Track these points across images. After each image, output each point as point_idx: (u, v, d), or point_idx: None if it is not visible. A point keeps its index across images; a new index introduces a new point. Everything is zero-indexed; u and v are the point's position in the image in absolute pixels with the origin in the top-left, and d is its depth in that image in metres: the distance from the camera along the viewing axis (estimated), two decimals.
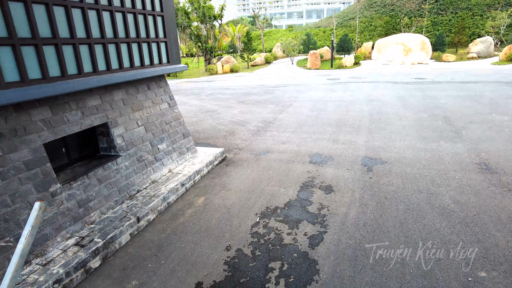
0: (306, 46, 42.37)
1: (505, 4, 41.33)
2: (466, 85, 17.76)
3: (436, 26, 43.81)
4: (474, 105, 12.89)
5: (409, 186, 6.27)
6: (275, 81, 24.45)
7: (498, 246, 4.46)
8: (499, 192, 5.91)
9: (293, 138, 9.67)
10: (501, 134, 9.08)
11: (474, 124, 10.15)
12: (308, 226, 5.14)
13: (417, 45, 33.77)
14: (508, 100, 13.49)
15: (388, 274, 4.03)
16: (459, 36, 38.22)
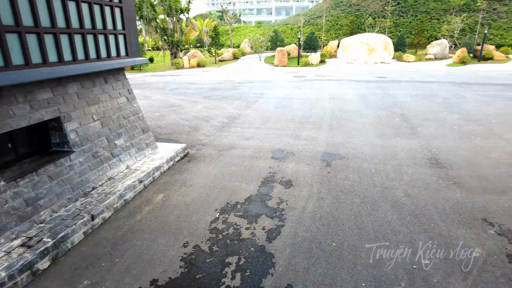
0: (274, 43, 42.64)
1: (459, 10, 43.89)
2: (423, 85, 18.70)
3: (398, 27, 45.69)
4: (429, 104, 13.61)
5: (365, 180, 6.53)
6: (242, 77, 24.42)
7: (442, 235, 4.77)
8: (446, 185, 6.31)
9: (257, 134, 9.73)
10: (451, 131, 9.67)
11: (428, 122, 10.73)
12: (266, 220, 5.22)
13: (380, 45, 35.04)
14: (459, 100, 14.37)
15: (340, 266, 4.19)
16: (419, 38, 40.11)
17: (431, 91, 16.53)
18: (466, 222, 5.09)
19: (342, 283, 3.91)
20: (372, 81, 20.31)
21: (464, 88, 17.61)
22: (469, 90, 16.91)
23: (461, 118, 11.17)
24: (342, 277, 3.99)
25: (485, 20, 42.29)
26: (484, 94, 15.59)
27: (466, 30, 41.54)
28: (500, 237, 4.72)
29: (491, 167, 7.11)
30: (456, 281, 3.90)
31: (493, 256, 4.32)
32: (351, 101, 14.34)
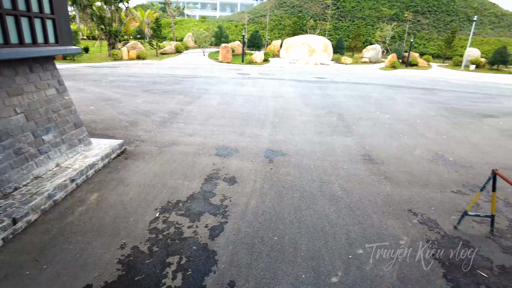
0: (218, 39, 42.31)
1: (390, 19, 47.71)
2: (358, 86, 20.00)
3: (337, 30, 48.23)
4: (363, 104, 14.60)
5: (304, 176, 6.79)
6: (185, 71, 23.85)
7: (374, 226, 5.15)
8: (377, 180, 6.82)
9: (201, 130, 9.57)
10: (382, 130, 10.49)
11: (362, 121, 11.51)
12: (209, 218, 5.16)
13: (320, 46, 36.67)
14: (390, 101, 15.63)
15: (282, 259, 4.30)
16: (355, 41, 42.78)
17: (366, 92, 17.74)
18: (394, 213, 5.55)
19: (283, 276, 4.02)
20: (312, 81, 21.18)
21: (394, 90, 19.20)
22: (398, 92, 18.49)
23: (391, 118, 12.16)
24: (283, 270, 4.10)
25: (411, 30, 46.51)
26: (410, 97, 17.16)
27: (396, 37, 45.26)
28: (422, 226, 5.24)
29: (415, 163, 7.86)
30: (385, 267, 4.23)
31: (416, 243, 4.78)
32: (293, 100, 14.80)
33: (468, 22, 48.42)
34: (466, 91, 20.83)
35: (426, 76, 28.89)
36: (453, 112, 14.01)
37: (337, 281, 3.97)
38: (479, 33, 47.40)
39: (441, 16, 49.45)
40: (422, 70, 33.83)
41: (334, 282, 3.95)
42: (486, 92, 20.79)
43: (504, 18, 51.07)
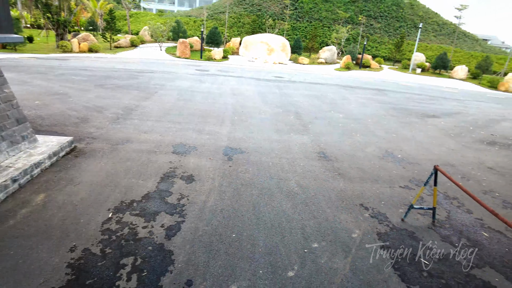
0: (176, 34, 41.31)
1: (345, 21, 49.67)
2: (315, 86, 20.60)
3: (295, 31, 49.23)
4: (319, 103, 15.07)
5: (263, 173, 6.87)
6: (141, 66, 23.01)
7: (328, 220, 5.35)
8: (332, 176, 7.09)
9: (157, 127, 9.31)
10: (337, 129, 10.91)
11: (318, 120, 11.88)
12: (166, 217, 5.04)
13: (279, 46, 37.21)
14: (344, 101, 16.29)
15: (240, 256, 4.33)
16: (312, 42, 43.95)
17: (321, 92, 18.33)
18: (347, 208, 5.82)
19: (241, 272, 4.04)
20: (270, 80, 21.45)
21: (348, 91, 20.03)
22: (352, 93, 19.32)
23: (345, 117, 12.69)
24: (241, 267, 4.13)
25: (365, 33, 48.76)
26: (363, 97, 18.02)
27: (350, 39, 47.19)
28: (373, 219, 5.54)
29: (367, 160, 8.27)
30: (339, 259, 4.42)
31: (367, 235, 5.05)
32: (252, 97, 14.89)
33: (415, 28, 51.84)
34: (413, 92, 22.30)
35: (378, 78, 30.50)
36: (401, 112, 14.95)
37: (293, 275, 4.08)
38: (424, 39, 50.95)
39: (391, 22, 52.42)
40: (374, 72, 35.65)
41: (291, 276, 4.06)
42: (430, 94, 22.43)
43: (445, 27, 55.39)
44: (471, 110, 17.92)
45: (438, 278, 4.30)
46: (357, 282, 4.06)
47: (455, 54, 47.46)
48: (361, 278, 4.13)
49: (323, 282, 3.99)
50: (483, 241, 5.33)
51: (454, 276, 4.37)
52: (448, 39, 52.67)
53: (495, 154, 10.24)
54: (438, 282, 4.22)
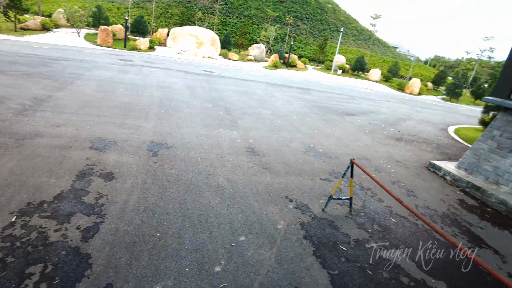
0: (97, 20, 38.05)
1: (273, 20, 51.13)
2: (244, 82, 20.83)
3: (225, 26, 49.08)
4: (248, 99, 15.29)
5: (191, 169, 6.73)
6: (55, 52, 20.69)
7: (255, 213, 5.46)
8: (259, 170, 7.25)
9: (73, 121, 8.47)
10: (264, 124, 11.19)
11: (247, 116, 12.04)
12: (82, 218, 4.62)
13: (208, 40, 36.74)
14: (272, 98, 16.78)
15: (165, 255, 4.17)
16: (242, 39, 44.34)
17: (250, 89, 18.62)
18: (273, 200, 6.01)
19: (166, 271, 3.90)
20: (200, 74, 21.09)
21: (275, 88, 20.68)
22: (279, 91, 20.00)
23: (272, 114, 13.08)
24: (166, 266, 3.99)
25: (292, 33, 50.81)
26: (289, 95, 18.78)
27: (278, 39, 48.73)
28: (296, 210, 5.82)
29: (291, 154, 8.65)
30: (265, 251, 4.54)
31: (291, 226, 5.28)
32: (179, 91, 14.46)
33: (337, 32, 55.69)
34: (334, 92, 23.97)
35: (303, 77, 32.07)
36: (323, 110, 15.95)
37: (220, 269, 4.07)
38: (344, 43, 55.05)
39: (316, 24, 55.50)
40: (300, 72, 37.42)
41: (218, 271, 4.05)
42: (349, 94, 24.35)
43: (362, 32, 60.59)
44: (383, 110, 19.93)
45: (354, 262, 4.70)
46: (282, 271, 4.22)
47: (371, 58, 52.27)
48: (286, 268, 4.30)
49: (249, 274, 4.07)
50: (391, 226, 5.97)
51: (367, 259, 4.82)
52: (365, 44, 57.72)
53: (401, 148, 11.55)
54: (354, 266, 4.61)
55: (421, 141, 13.26)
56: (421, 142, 13.06)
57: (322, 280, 4.21)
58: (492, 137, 9.24)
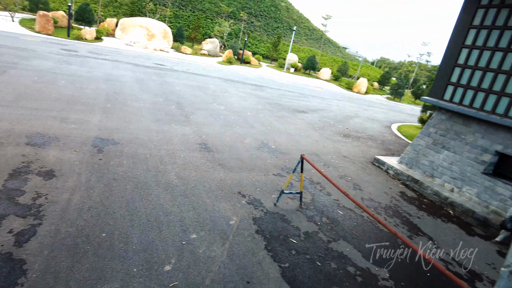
0: (35, 4, 34.89)
1: (228, 16, 50.77)
2: (197, 77, 20.45)
3: (178, 19, 47.71)
4: (202, 94, 15.05)
5: (139, 166, 6.46)
6: None
7: (207, 210, 5.40)
8: (212, 166, 7.18)
9: (5, 114, 7.70)
10: (218, 120, 11.10)
11: (200, 111, 11.85)
12: (16, 221, 4.23)
13: (160, 32, 35.47)
14: (225, 94, 16.68)
15: (111, 256, 3.97)
16: (195, 32, 43.43)
17: (204, 84, 18.34)
18: (226, 196, 5.98)
19: (112, 273, 3.72)
20: (151, 67, 20.32)
21: (229, 84, 20.59)
22: (233, 86, 19.94)
23: (226, 110, 13.01)
24: (112, 267, 3.80)
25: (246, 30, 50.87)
26: (243, 91, 18.80)
27: (232, 34, 48.52)
28: (249, 205, 5.85)
29: (245, 150, 8.68)
30: (217, 247, 4.51)
31: (243, 221, 5.30)
32: (128, 84, 13.81)
33: (290, 30, 56.79)
34: (287, 90, 24.45)
35: (256, 74, 32.29)
36: (276, 107, 16.21)
37: (170, 268, 3.97)
38: (297, 42, 56.34)
39: (270, 21, 56.09)
40: (254, 68, 37.63)
41: (167, 270, 3.94)
42: (301, 92, 25.00)
43: (314, 32, 62.47)
44: (332, 108, 20.75)
45: (304, 254, 4.84)
46: (234, 267, 4.22)
47: (322, 58, 54.09)
48: (238, 263, 4.31)
49: (201, 272, 4.01)
50: (338, 218, 6.25)
51: (317, 251, 5.00)
52: (316, 44, 59.58)
53: (349, 144, 12.12)
54: (304, 258, 4.75)
55: (367, 138, 14.03)
56: (366, 139, 13.82)
57: (273, 273, 4.28)
58: (429, 134, 10.04)
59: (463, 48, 9.15)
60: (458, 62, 9.24)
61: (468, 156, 8.90)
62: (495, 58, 8.44)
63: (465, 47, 9.11)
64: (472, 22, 8.96)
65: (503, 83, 8.24)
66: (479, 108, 8.72)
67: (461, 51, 9.19)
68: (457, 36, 9.32)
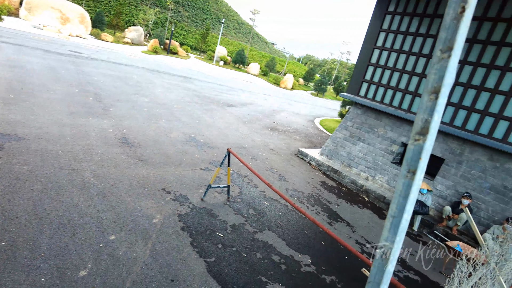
0: None
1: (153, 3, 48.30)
2: (119, 67, 19.11)
3: (97, 3, 43.87)
4: (123, 85, 14.11)
5: (49, 164, 5.81)
6: None
7: (128, 209, 5.09)
8: (134, 163, 6.79)
9: None
10: (141, 113, 10.53)
11: (121, 103, 11.10)
12: None
13: (76, 16, 32.23)
14: (150, 85, 15.90)
15: (12, 266, 3.51)
16: (117, 19, 40.45)
17: (126, 74, 17.23)
18: (149, 194, 5.72)
19: (13, 285, 3.29)
20: (65, 54, 18.40)
21: (155, 75, 19.67)
22: (159, 77, 19.10)
23: (150, 102, 12.41)
24: (14, 279, 3.36)
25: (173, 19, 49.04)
26: (170, 83, 18.14)
27: (158, 23, 46.36)
28: (174, 202, 5.68)
29: (171, 145, 8.39)
30: (138, 248, 4.29)
31: (168, 219, 5.13)
32: (37, 72, 12.29)
33: (219, 23, 56.30)
34: (216, 82, 24.27)
35: (184, 65, 31.41)
36: (205, 100, 15.99)
37: (86, 273, 3.66)
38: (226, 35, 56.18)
39: (198, 12, 54.86)
40: (182, 59, 36.53)
41: (83, 275, 3.63)
42: (230, 85, 25.04)
43: (243, 26, 62.92)
44: (260, 102, 21.21)
45: (230, 247, 4.88)
46: (157, 266, 4.07)
47: (251, 52, 54.81)
48: (161, 262, 4.16)
49: (121, 274, 3.78)
50: (264, 209, 6.43)
51: (243, 243, 5.07)
52: (245, 38, 60.11)
53: (275, 138, 12.53)
54: (230, 251, 4.78)
55: (292, 131, 14.67)
56: (292, 132, 14.45)
57: (199, 269, 4.23)
58: (346, 128, 10.88)
59: (375, 48, 10.07)
60: (371, 61, 10.14)
61: (379, 147, 9.88)
62: (400, 59, 9.47)
63: (376, 48, 10.04)
64: (381, 26, 9.89)
65: (407, 82, 9.29)
66: (388, 104, 9.71)
67: (373, 51, 10.10)
68: (370, 37, 10.21)
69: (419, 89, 9.06)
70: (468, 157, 8.29)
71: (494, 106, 7.83)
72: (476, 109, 8.07)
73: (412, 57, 9.20)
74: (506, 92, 7.62)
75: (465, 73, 8.24)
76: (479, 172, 8.09)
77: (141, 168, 6.61)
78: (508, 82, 7.61)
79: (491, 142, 7.76)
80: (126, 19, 44.31)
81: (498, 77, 7.73)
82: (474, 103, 8.11)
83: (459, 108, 8.35)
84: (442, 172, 8.63)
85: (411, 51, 9.21)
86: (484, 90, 7.96)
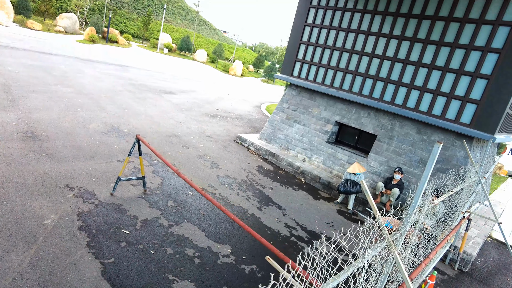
0: None
1: None
2: (44, 56, 17.30)
3: None
4: (45, 75, 12.71)
5: None
6: None
7: (13, 211, 4.36)
8: (36, 158, 5.95)
9: None
10: (59, 104, 9.46)
11: (36, 94, 9.90)
12: None
13: None
14: (78, 75, 14.53)
15: None
16: (47, 5, 36.93)
17: (52, 64, 15.62)
18: (47, 192, 4.99)
19: None
20: None
21: (86, 64, 18.11)
22: (91, 67, 17.61)
23: (73, 92, 11.26)
24: None
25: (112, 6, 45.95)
26: (102, 72, 16.78)
27: (95, 10, 43.20)
28: (77, 199, 5.01)
29: (87, 136, 7.57)
30: (15, 256, 3.63)
31: (65, 218, 4.48)
32: None
33: (162, 9, 53.76)
34: (157, 71, 23.04)
35: (124, 54, 29.52)
36: (140, 88, 14.98)
37: None
38: (171, 21, 53.90)
39: None
40: (122, 48, 34.33)
41: None
42: (173, 73, 23.93)
43: (189, 13, 60.79)
44: (205, 89, 20.47)
45: (136, 244, 4.36)
46: (36, 275, 3.45)
47: (197, 39, 53.14)
48: (43, 269, 3.55)
49: None
50: (187, 200, 5.96)
51: (153, 239, 4.58)
52: (192, 25, 58.17)
53: (215, 124, 12.02)
54: (135, 249, 4.27)
55: (235, 117, 14.25)
56: (234, 118, 14.02)
57: (91, 273, 3.68)
58: (283, 110, 10.66)
59: (306, 26, 9.84)
60: (303, 39, 9.92)
61: (314, 127, 9.78)
62: (331, 36, 9.33)
63: (307, 25, 9.82)
64: (311, 1, 9.66)
65: (337, 60, 9.19)
66: (321, 83, 9.60)
67: (304, 28, 9.88)
68: (300, 13, 9.94)
69: (349, 66, 9.01)
70: (399, 131, 8.42)
71: (418, 80, 7.97)
72: (403, 83, 8.18)
73: (342, 32, 9.10)
74: (428, 65, 7.77)
75: (391, 48, 8.29)
76: (409, 146, 8.25)
77: (43, 164, 5.80)
78: (429, 55, 7.76)
79: (417, 115, 7.91)
80: (57, 5, 40.65)
81: (420, 50, 7.85)
82: (401, 78, 8.20)
83: (387, 83, 8.42)
84: (374, 149, 8.72)
85: (341, 27, 9.10)
86: (409, 64, 8.07)
